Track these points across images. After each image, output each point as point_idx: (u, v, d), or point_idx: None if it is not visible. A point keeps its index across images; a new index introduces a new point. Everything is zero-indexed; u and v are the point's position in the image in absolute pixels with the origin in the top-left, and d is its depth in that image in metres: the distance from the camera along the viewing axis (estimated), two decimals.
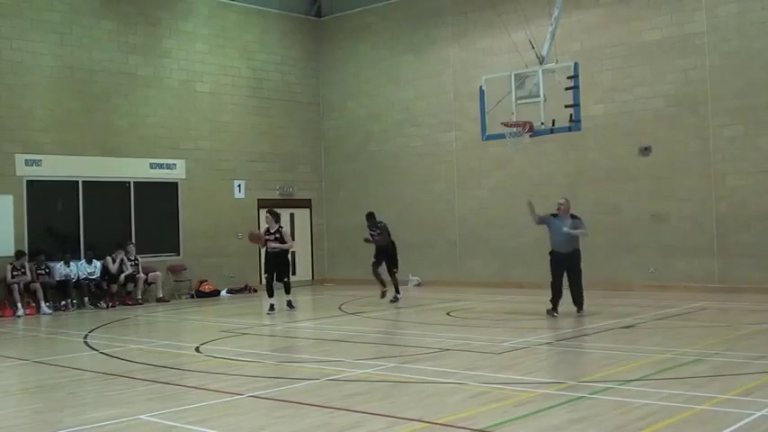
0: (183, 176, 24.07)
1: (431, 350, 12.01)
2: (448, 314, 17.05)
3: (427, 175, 24.38)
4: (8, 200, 20.74)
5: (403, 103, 25.50)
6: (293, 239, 20.45)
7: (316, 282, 27.04)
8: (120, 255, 21.91)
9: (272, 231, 18.55)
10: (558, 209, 16.07)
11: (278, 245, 18.49)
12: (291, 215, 26.72)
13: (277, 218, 18.82)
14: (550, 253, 16.06)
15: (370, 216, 19.99)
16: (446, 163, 24.23)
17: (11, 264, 20.19)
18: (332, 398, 8.82)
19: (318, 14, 27.68)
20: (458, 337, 12.13)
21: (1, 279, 20.15)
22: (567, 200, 16.28)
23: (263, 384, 9.78)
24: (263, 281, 19.91)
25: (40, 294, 20.22)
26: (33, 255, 20.80)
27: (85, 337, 15.08)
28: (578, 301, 15.99)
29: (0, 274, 20.15)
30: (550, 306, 15.75)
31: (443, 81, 24.54)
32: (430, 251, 24.60)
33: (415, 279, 24.45)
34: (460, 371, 10.24)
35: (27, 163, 21.09)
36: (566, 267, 15.81)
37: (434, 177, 24.40)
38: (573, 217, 15.98)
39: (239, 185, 25.36)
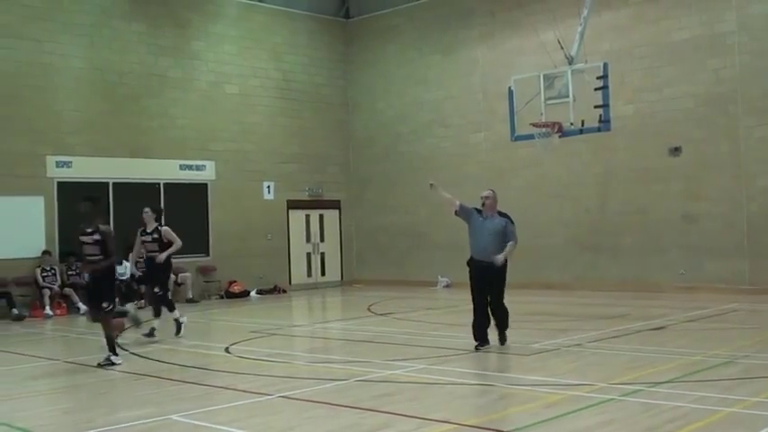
0: (213, 178, 24.19)
1: (460, 351, 12.00)
2: None
3: (456, 176, 24.28)
4: (39, 201, 20.94)
5: (432, 103, 25.48)
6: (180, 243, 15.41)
7: (345, 282, 27.07)
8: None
9: (148, 231, 15.24)
10: (483, 204, 12.36)
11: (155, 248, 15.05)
12: (321, 216, 26.80)
13: (159, 213, 15.93)
14: (468, 263, 12.45)
15: None
16: (475, 164, 24.17)
17: (39, 266, 20.39)
18: (361, 398, 8.83)
19: (347, 16, 27.73)
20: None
21: (32, 281, 20.34)
22: (493, 192, 12.54)
23: (292, 385, 9.81)
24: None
25: (75, 297, 20.40)
26: (64, 256, 21.00)
27: (116, 337, 15.15)
28: (501, 325, 12.27)
29: (30, 275, 20.34)
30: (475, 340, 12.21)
31: (472, 82, 24.51)
32: (459, 252, 24.41)
33: (444, 280, 24.42)
34: (489, 372, 10.24)
35: (58, 165, 21.28)
36: (487, 282, 12.17)
37: (464, 178, 24.30)
38: (501, 215, 12.36)
39: (268, 186, 25.43)
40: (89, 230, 11.95)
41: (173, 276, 22.17)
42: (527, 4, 22.76)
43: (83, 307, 20.20)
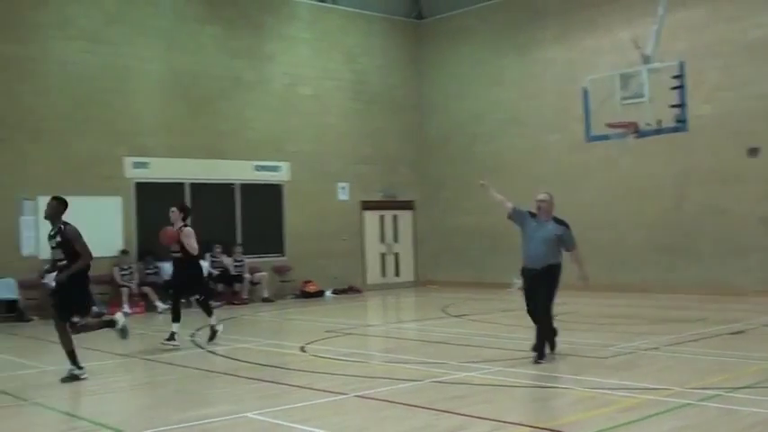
0: (288, 178, 24.39)
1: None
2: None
3: (531, 177, 24.12)
4: (117, 201, 21.35)
5: (506, 104, 25.35)
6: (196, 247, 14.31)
7: (418, 283, 27.08)
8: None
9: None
10: (538, 208, 11.52)
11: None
12: (395, 217, 26.87)
13: (186, 212, 14.91)
14: (521, 271, 11.67)
15: None
16: (550, 164, 23.97)
17: (117, 265, 20.80)
18: (435, 400, 8.84)
19: (419, 17, 27.72)
20: (563, 341, 11.98)
21: (110, 279, 20.74)
22: (550, 196, 11.58)
23: (367, 384, 9.85)
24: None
25: (153, 296, 20.78)
26: (142, 255, 21.42)
27: (192, 335, 15.39)
28: (541, 336, 11.20)
29: (109, 274, 20.74)
30: (534, 352, 11.16)
31: (546, 82, 24.32)
32: None
33: (518, 282, 24.17)
34: (566, 375, 10.17)
35: (135, 165, 21.67)
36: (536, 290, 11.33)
37: (539, 179, 24.12)
38: (557, 221, 11.47)
39: (343, 187, 25.57)
40: (52, 233, 11.02)
41: (248, 276, 22.54)
42: (601, 4, 22.55)
43: (161, 305, 20.57)
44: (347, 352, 12.75)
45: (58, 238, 10.86)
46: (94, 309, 14.42)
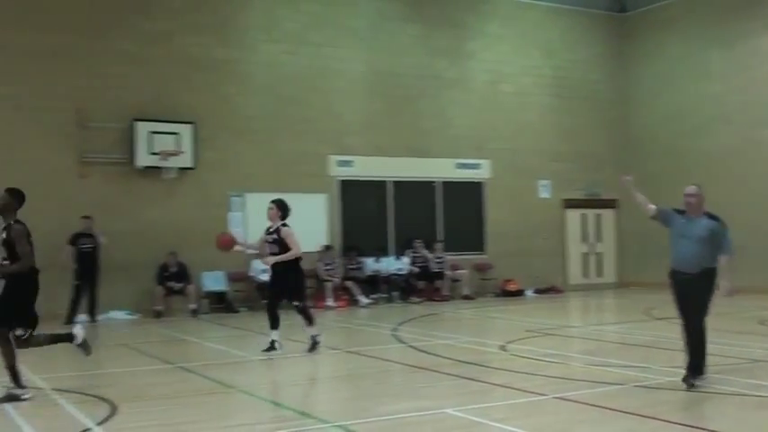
0: (488, 176, 24.37)
1: (740, 361, 11.43)
2: (761, 324, 16.16)
3: (741, 174, 23.19)
4: (322, 198, 21.94)
5: (714, 98, 24.38)
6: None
7: (620, 284, 26.48)
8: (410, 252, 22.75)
9: (271, 230, 12.89)
10: (688, 204, 9.97)
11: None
12: (597, 216, 26.38)
13: (285, 211, 13.01)
14: (670, 274, 10.25)
15: None
16: (762, 161, 22.94)
17: (320, 260, 21.34)
18: (637, 405, 8.60)
19: (622, 10, 27.06)
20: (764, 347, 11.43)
21: (314, 273, 21.31)
22: (699, 189, 9.96)
23: (567, 386, 9.70)
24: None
25: (356, 290, 21.23)
26: (346, 250, 21.96)
27: (394, 330, 15.60)
28: (692, 353, 9.58)
29: (313, 268, 21.31)
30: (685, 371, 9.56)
31: (757, 75, 23.26)
32: (744, 255, 23.35)
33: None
34: None
35: (339, 164, 22.22)
36: (688, 297, 9.76)
37: (749, 176, 23.18)
38: (710, 217, 9.87)
39: (544, 185, 25.32)
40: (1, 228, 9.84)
41: (448, 273, 22.66)
42: None
43: (363, 299, 21.00)
44: (547, 352, 12.60)
45: (4, 235, 9.70)
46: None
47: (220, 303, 20.39)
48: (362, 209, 22.53)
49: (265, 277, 20.18)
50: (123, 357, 13.22)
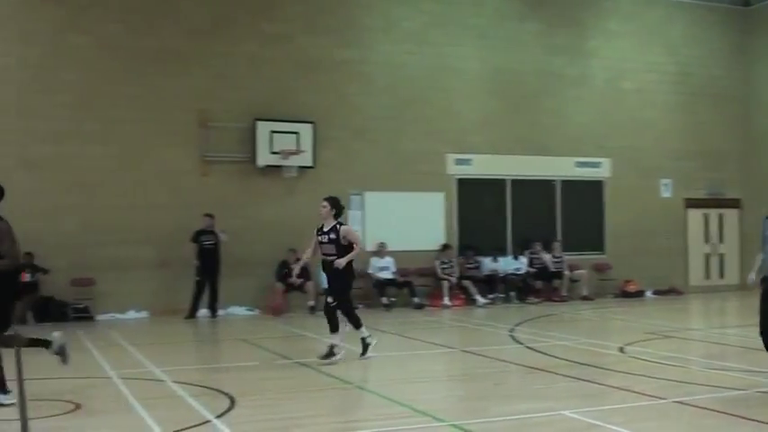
0: (609, 175, 24.02)
1: None
2: None
3: None
4: (440, 197, 21.98)
5: None
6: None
7: (743, 287, 25.70)
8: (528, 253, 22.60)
9: (325, 230, 12.16)
10: None
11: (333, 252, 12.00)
12: (720, 216, 25.72)
13: (339, 209, 12.32)
14: (763, 280, 9.98)
15: None
16: None
17: (438, 258, 21.35)
18: (761, 411, 8.38)
19: (746, 4, 26.28)
20: None
21: (432, 272, 21.38)
22: None
23: (687, 390, 9.49)
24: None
25: (473, 289, 21.20)
26: (463, 249, 21.94)
27: (511, 330, 15.53)
28: None
29: (430, 267, 21.40)
30: None
31: None
32: None
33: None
34: None
35: (457, 162, 22.22)
36: None
37: None
38: None
39: (665, 184, 24.81)
40: None
41: (567, 273, 22.42)
42: None
43: (480, 299, 20.96)
44: (667, 355, 12.34)
45: None
46: None
47: None
48: (480, 207, 22.47)
49: (385, 274, 20.54)
50: (242, 352, 13.49)
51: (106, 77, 19.48)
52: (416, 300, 20.61)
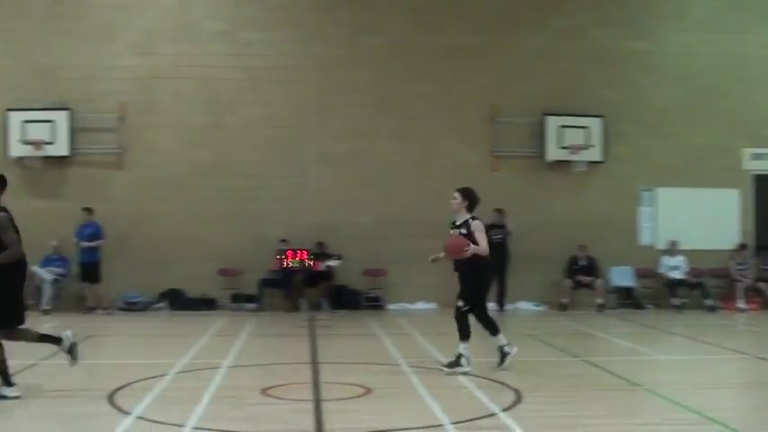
0: None
1: None
2: None
3: None
4: (734, 194, 21.01)
5: None
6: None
7: None
8: None
9: (457, 224, 10.99)
10: None
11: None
12: None
13: (472, 201, 11.00)
14: None
15: None
16: None
17: (732, 259, 20.45)
18: None
19: None
20: None
21: (725, 273, 20.49)
22: None
23: None
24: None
25: None
26: (759, 250, 20.84)
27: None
28: None
29: (724, 267, 20.51)
30: None
31: None
32: None
33: None
34: None
35: (754, 157, 21.13)
36: None
37: None
38: None
39: None
40: None
41: None
42: None
43: None
44: None
45: None
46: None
47: (627, 299, 20.18)
48: None
49: (676, 274, 19.91)
50: (529, 347, 13.36)
51: (398, 76, 20.11)
52: (709, 302, 19.79)
